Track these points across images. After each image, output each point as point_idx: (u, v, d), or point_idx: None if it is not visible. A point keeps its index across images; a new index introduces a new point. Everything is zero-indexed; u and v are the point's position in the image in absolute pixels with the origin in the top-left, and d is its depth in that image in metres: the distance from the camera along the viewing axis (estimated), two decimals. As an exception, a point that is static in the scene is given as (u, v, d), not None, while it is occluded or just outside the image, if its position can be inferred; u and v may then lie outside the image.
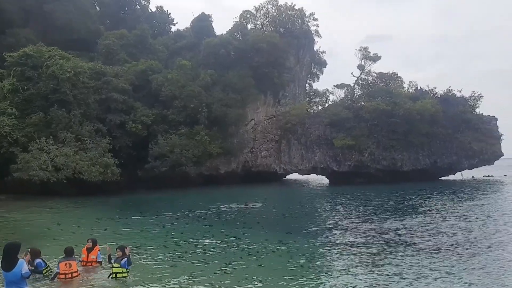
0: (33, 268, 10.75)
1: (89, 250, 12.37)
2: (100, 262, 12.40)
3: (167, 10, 76.20)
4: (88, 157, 40.10)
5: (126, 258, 11.12)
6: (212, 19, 67.75)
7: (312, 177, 66.90)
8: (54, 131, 40.81)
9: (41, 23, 56.20)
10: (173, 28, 75.64)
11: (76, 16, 56.86)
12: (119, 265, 11.02)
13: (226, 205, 30.12)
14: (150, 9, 75.03)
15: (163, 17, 75.39)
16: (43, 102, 41.89)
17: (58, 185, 37.86)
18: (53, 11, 55.36)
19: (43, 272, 11.18)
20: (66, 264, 10.93)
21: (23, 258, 8.26)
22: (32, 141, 38.87)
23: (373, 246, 15.43)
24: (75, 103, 42.99)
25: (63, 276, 10.85)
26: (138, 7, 72.70)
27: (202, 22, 65.61)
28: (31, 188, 37.37)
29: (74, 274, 10.98)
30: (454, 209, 25.90)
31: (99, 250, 12.54)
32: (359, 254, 14.20)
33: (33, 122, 40.35)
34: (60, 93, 41.74)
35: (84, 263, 12.27)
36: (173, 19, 76.66)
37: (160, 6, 75.36)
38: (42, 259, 11.46)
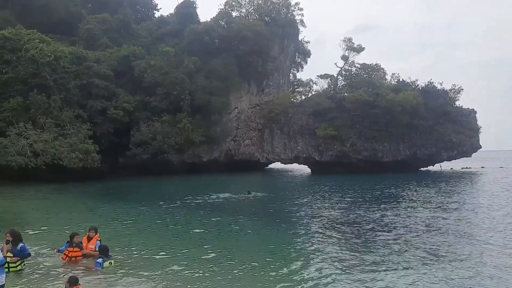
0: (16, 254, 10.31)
1: (89, 240, 12.09)
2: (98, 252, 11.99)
3: (151, -5, 74.96)
4: (68, 143, 39.60)
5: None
6: (196, 6, 67.00)
7: (294, 166, 67.33)
8: (33, 116, 40.14)
9: (20, 4, 54.65)
10: (157, 14, 74.46)
11: (56, -2, 55.53)
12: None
13: (225, 194, 29.47)
14: (134, -6, 73.56)
15: (146, 2, 74.08)
16: (22, 86, 41.05)
17: (37, 171, 37.35)
18: (33, -8, 53.92)
19: (16, 265, 10.43)
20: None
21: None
22: (10, 126, 38.24)
23: (355, 234, 15.77)
24: (55, 88, 42.26)
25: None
26: (121, -9, 71.17)
27: (186, 9, 64.75)
28: (9, 174, 36.76)
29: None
30: (432, 199, 26.47)
31: (99, 240, 12.16)
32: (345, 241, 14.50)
33: (11, 107, 39.59)
34: (39, 77, 40.97)
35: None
36: (156, 5, 75.51)
37: (144, -10, 74.03)
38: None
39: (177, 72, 51.99)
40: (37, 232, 16.08)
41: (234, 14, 67.87)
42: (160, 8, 79.15)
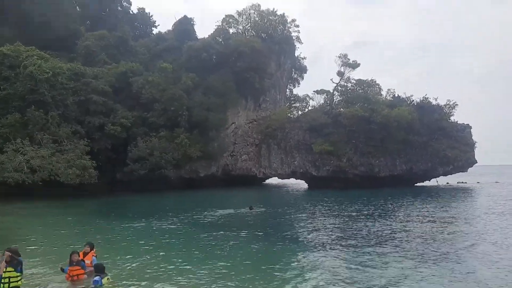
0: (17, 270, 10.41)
1: (85, 255, 12.13)
2: None
3: (149, 12, 76.39)
4: (65, 159, 39.63)
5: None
6: (194, 23, 67.98)
7: (291, 181, 67.43)
8: (31, 132, 40.24)
9: (19, 22, 55.19)
10: (155, 31, 75.58)
11: (55, 15, 56.08)
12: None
13: (224, 210, 29.37)
14: (132, 11, 74.68)
15: (144, 19, 75.09)
16: (20, 103, 41.25)
17: (34, 187, 37.27)
18: (31, 10, 54.46)
19: (18, 279, 10.29)
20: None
21: None
22: (7, 142, 38.32)
23: (354, 247, 15.85)
24: (53, 104, 42.49)
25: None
26: (120, 8, 72.20)
27: (184, 25, 65.62)
28: (6, 190, 36.68)
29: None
30: (428, 214, 26.59)
31: (95, 256, 12.27)
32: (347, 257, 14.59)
33: (9, 123, 39.72)
34: (37, 93, 41.20)
35: None
36: (154, 21, 76.57)
37: (142, 8, 75.45)
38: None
39: (175, 88, 52.39)
40: (33, 248, 16.07)
41: (231, 30, 68.81)
42: (158, 25, 80.00)
